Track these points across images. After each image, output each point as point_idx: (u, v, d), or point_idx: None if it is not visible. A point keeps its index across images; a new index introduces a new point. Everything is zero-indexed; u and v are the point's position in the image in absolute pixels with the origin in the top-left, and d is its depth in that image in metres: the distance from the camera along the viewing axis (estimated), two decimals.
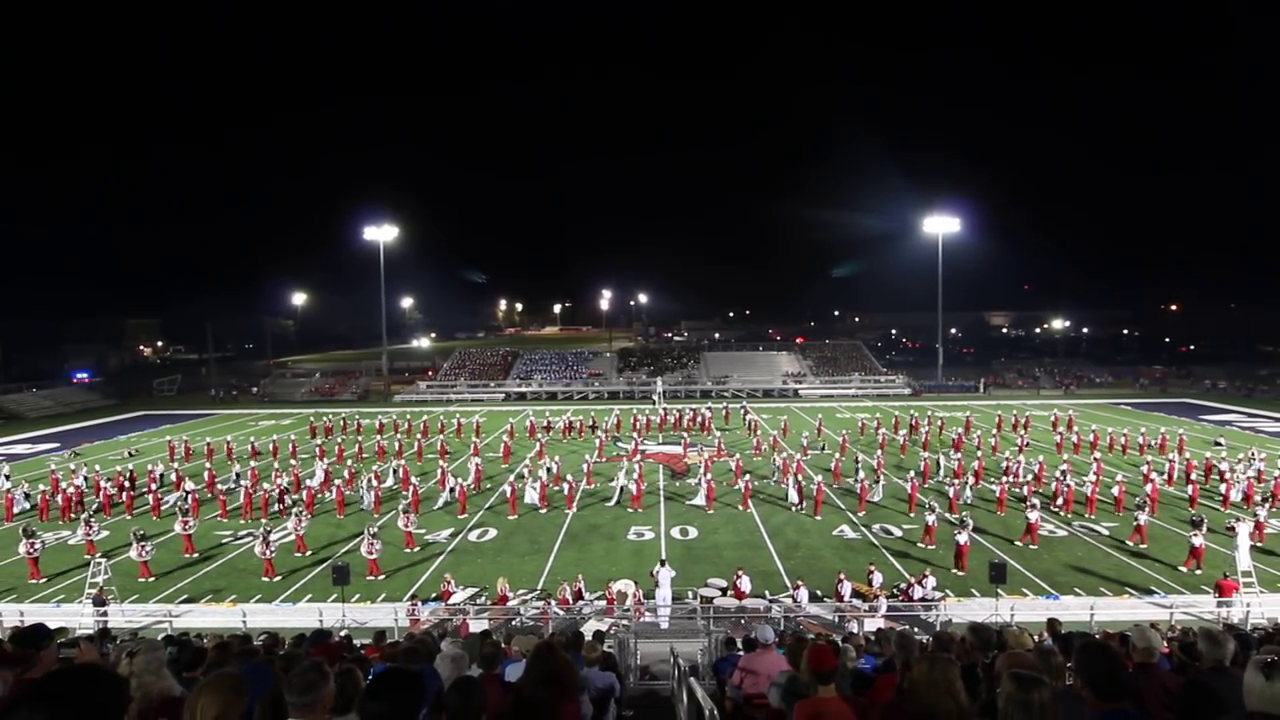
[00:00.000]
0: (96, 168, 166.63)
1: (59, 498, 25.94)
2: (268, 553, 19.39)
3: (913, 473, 27.07)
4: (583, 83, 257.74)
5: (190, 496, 25.54)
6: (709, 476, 26.18)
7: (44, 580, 19.24)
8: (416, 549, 21.43)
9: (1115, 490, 24.52)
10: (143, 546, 19.47)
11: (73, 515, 24.62)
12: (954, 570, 19.01)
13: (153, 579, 19.29)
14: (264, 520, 23.49)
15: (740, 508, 25.09)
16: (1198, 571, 18.62)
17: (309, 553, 21.09)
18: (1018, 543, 21.11)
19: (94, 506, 25.46)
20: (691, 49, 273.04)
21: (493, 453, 34.80)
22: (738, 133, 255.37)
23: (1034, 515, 21.26)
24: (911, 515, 23.79)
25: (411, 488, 25.06)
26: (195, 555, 21.06)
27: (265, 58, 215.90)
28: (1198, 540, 18.74)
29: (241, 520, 24.37)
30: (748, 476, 26.84)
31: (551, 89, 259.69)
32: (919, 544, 21.27)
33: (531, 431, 40.42)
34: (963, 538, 19.17)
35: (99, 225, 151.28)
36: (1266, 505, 22.04)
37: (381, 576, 19.29)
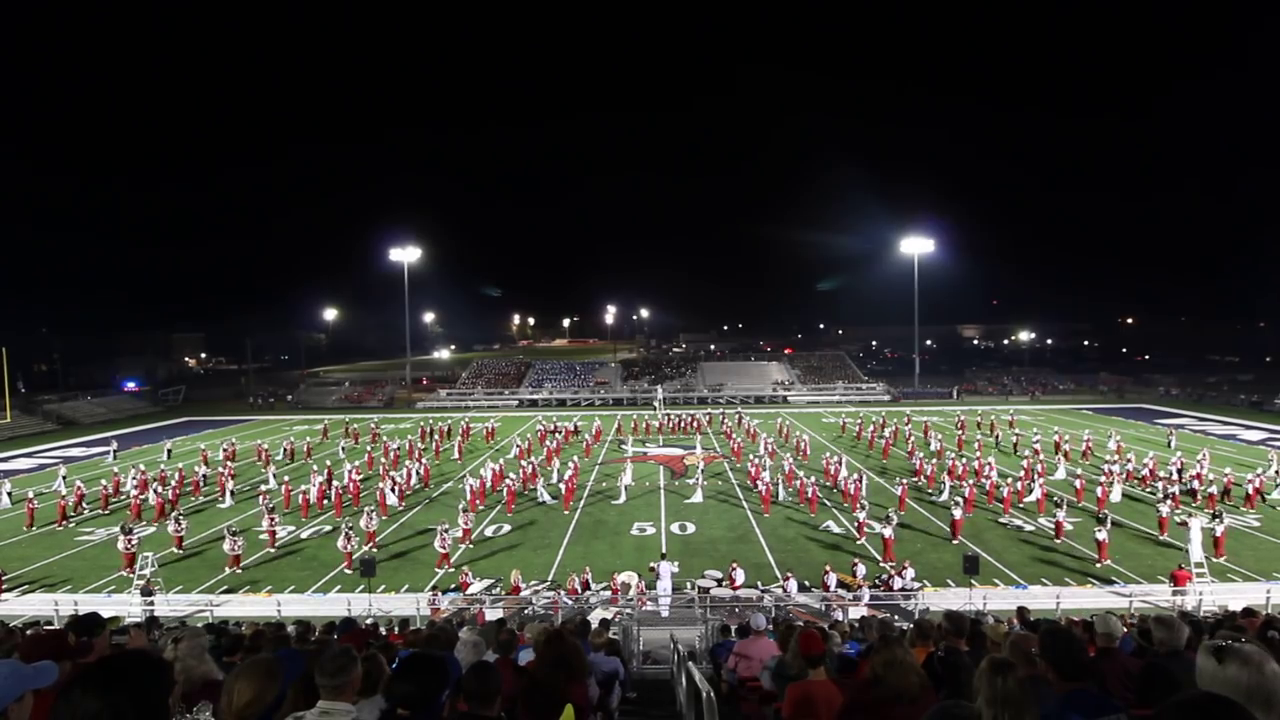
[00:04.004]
0: (147, 193, 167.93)
1: (151, 498, 25.11)
2: (348, 547, 19.08)
3: (856, 475, 26.46)
4: (592, 118, 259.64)
5: (261, 495, 24.94)
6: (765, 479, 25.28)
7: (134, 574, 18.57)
8: (470, 545, 20.97)
9: (1037, 492, 24.06)
10: (235, 540, 19.20)
11: (166, 514, 23.84)
12: (883, 562, 18.65)
13: (239, 571, 19.02)
14: (342, 518, 22.95)
15: (805, 504, 24.30)
16: (1108, 563, 18.43)
17: (376, 549, 20.61)
18: (954, 541, 20.57)
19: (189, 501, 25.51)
20: (688, 86, 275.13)
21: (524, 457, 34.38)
22: (731, 162, 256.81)
23: (958, 513, 20.97)
24: (855, 512, 22.94)
25: (468, 486, 25.07)
26: (275, 550, 20.72)
27: (302, 93, 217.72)
28: (1101, 535, 18.60)
29: (302, 517, 24.10)
30: (765, 477, 25.73)
31: (562, 123, 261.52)
32: (855, 540, 20.82)
33: (542, 438, 40.25)
34: (888, 531, 19.11)
35: (149, 246, 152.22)
36: (1169, 502, 21.61)
37: (452, 569, 18.75)
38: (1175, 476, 26.24)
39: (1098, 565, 18.49)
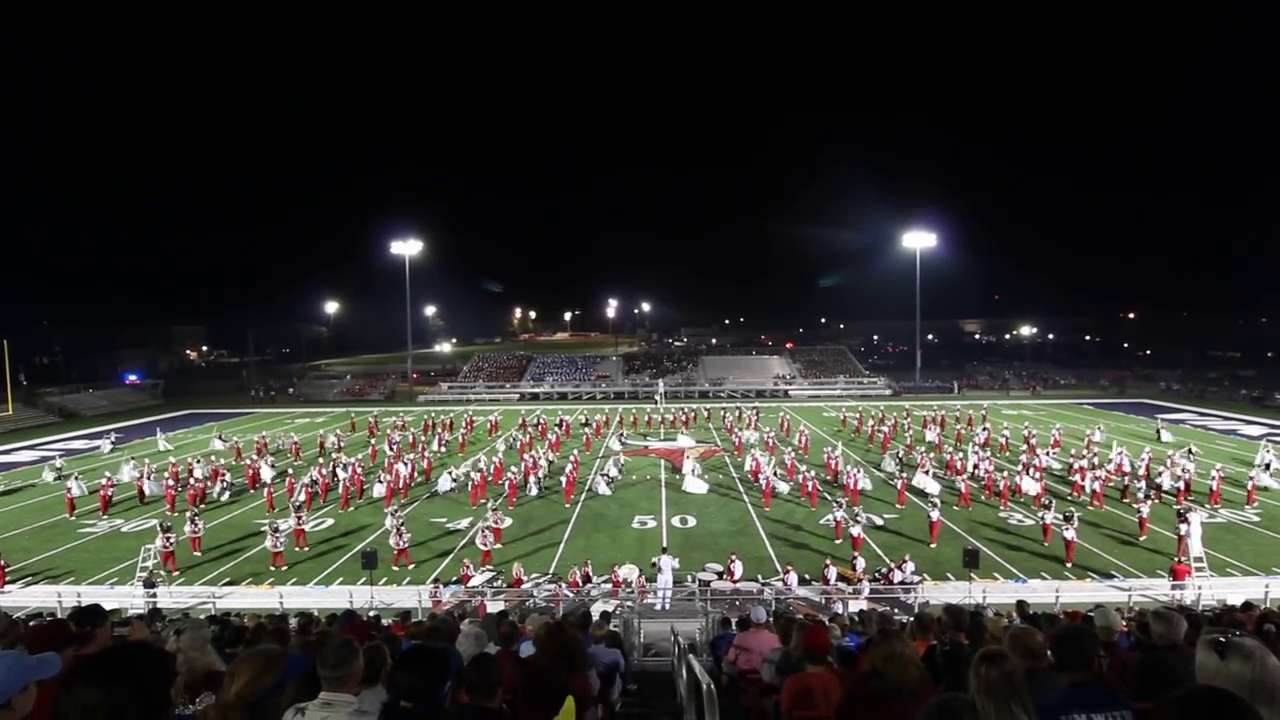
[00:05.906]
0: (149, 187, 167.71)
1: (186, 490, 25.27)
2: (401, 543, 18.91)
3: (853, 467, 26.36)
4: (594, 113, 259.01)
5: (304, 489, 24.61)
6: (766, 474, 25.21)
7: (176, 572, 18.60)
8: (500, 546, 20.29)
9: (1036, 487, 23.87)
10: (276, 537, 18.95)
11: (200, 506, 24.03)
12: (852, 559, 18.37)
13: (285, 568, 18.82)
14: (397, 513, 21.73)
15: (805, 497, 24.19)
16: (1067, 565, 18.24)
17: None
18: (930, 545, 20.04)
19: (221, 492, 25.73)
20: (691, 81, 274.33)
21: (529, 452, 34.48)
22: (732, 156, 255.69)
23: (935, 515, 20.48)
24: (835, 511, 22.59)
25: (507, 481, 25.25)
26: (306, 549, 20.39)
27: (303, 87, 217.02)
28: (1069, 534, 18.49)
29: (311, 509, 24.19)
30: (768, 472, 25.43)
31: (564, 118, 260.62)
32: (834, 540, 20.38)
33: (543, 432, 40.27)
34: (855, 530, 19.10)
35: (150, 239, 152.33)
36: (1150, 501, 21.42)
37: (493, 567, 18.30)
38: (1143, 471, 26.08)
39: (1068, 566, 18.21)
